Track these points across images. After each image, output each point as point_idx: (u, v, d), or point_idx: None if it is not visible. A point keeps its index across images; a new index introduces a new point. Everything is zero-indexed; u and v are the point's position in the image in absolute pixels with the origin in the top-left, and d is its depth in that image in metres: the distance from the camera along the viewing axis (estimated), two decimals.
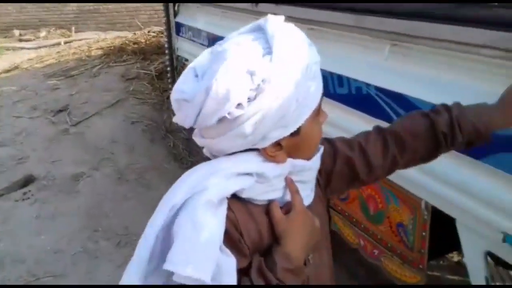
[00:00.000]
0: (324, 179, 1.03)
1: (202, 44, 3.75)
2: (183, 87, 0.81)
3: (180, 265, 0.75)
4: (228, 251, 0.80)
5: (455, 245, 2.21)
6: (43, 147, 4.19)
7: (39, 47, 9.86)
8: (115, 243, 3.11)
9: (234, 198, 0.83)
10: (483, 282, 1.48)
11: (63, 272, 2.89)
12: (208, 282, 0.75)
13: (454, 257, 2.74)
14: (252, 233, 0.85)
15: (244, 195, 0.84)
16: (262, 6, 2.68)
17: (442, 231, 1.78)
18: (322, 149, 0.95)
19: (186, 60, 4.32)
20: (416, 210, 1.83)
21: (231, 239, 0.81)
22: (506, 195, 1.34)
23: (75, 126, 4.48)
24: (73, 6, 11.23)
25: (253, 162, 0.84)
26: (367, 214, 2.11)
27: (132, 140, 4.26)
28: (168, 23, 4.55)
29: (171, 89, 4.13)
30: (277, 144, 0.84)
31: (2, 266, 2.94)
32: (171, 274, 0.77)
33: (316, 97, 0.85)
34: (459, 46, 1.43)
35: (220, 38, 2.88)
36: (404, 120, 1.13)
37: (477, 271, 1.51)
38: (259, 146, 0.83)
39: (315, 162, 0.93)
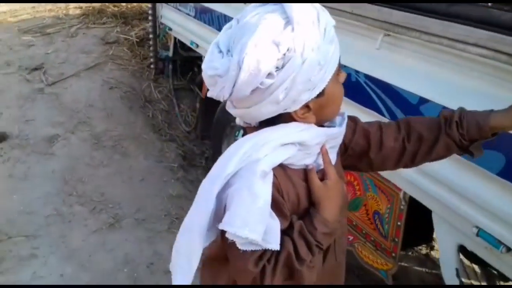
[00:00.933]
0: (342, 149, 1.14)
1: (188, 15, 3.70)
2: (214, 64, 0.89)
3: (238, 227, 0.86)
4: (273, 214, 0.91)
5: (428, 238, 2.36)
6: (17, 105, 4.07)
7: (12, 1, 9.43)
8: (90, 209, 3.11)
9: (278, 165, 0.94)
10: (453, 274, 1.59)
11: (36, 233, 2.88)
12: (260, 242, 0.87)
13: (423, 249, 2.89)
14: (291, 196, 0.96)
15: (286, 161, 0.95)
16: None
17: (417, 222, 1.89)
18: (346, 117, 1.07)
19: (170, 29, 4.26)
20: (394, 199, 1.92)
21: (277, 204, 0.92)
22: (482, 190, 1.42)
23: (51, 86, 4.36)
24: None
25: (295, 133, 0.94)
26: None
27: (109, 106, 4.20)
28: None
29: (152, 57, 4.10)
30: (306, 106, 0.93)
31: None
32: (221, 233, 0.92)
33: (335, 59, 0.93)
34: (449, 41, 1.48)
35: (210, 10, 2.92)
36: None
37: (448, 263, 1.62)
38: (290, 110, 0.92)
39: (343, 128, 1.04)
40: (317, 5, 0.93)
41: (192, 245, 0.95)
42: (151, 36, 4.66)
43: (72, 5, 6.60)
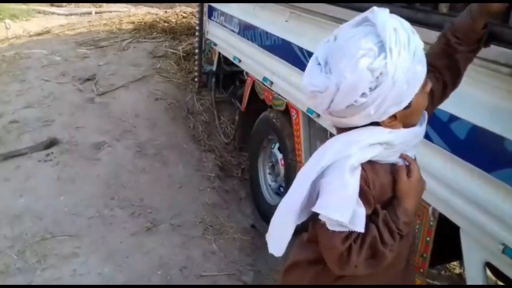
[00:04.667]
0: None
1: (233, 31, 3.83)
2: (314, 81, 1.06)
3: (331, 210, 1.04)
4: (360, 202, 1.07)
5: (457, 255, 2.31)
6: (68, 112, 4.32)
7: (70, 14, 10.01)
8: (130, 213, 3.25)
9: (366, 161, 1.09)
10: None
11: (78, 233, 3.04)
12: (347, 224, 1.03)
13: (456, 268, 2.82)
14: (377, 187, 1.12)
15: (373, 158, 1.10)
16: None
17: (446, 239, 1.87)
18: (426, 116, 1.19)
19: (215, 44, 4.41)
20: (423, 215, 1.91)
21: (364, 193, 1.08)
22: (510, 208, 1.42)
23: (101, 96, 4.60)
24: None
25: (382, 134, 1.09)
26: None
27: (154, 116, 4.37)
28: (201, 6, 4.63)
29: (196, 70, 4.26)
30: (393, 116, 1.07)
31: (21, 221, 3.10)
32: (314, 214, 1.10)
33: (422, 75, 1.05)
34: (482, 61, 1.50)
35: (253, 27, 3.03)
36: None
37: (474, 279, 1.60)
38: (379, 120, 1.07)
39: (424, 127, 1.18)
40: (408, 27, 1.04)
41: (286, 222, 1.15)
42: (197, 50, 4.83)
43: (125, 20, 6.95)
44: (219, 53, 4.42)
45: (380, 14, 1.03)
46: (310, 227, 1.23)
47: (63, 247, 2.91)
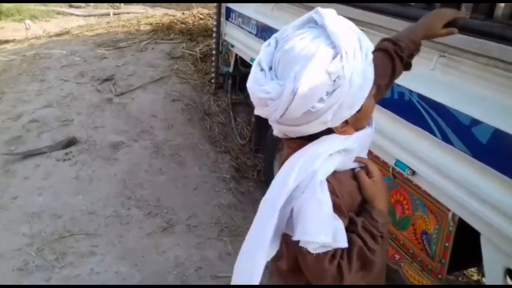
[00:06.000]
0: None
1: (250, 32, 3.83)
2: (264, 87, 0.98)
3: (314, 234, 0.98)
4: (336, 215, 1.02)
5: (476, 261, 2.28)
6: (87, 112, 4.37)
7: (89, 15, 10.16)
8: (146, 213, 3.27)
9: None
10: None
11: (96, 232, 3.07)
12: (331, 243, 0.99)
13: (474, 275, 2.78)
14: (346, 196, 1.08)
15: (335, 168, 1.06)
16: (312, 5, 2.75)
17: (465, 245, 1.84)
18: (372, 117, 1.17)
19: (232, 46, 4.42)
20: (442, 220, 1.89)
21: (336, 205, 1.03)
22: None
23: (119, 96, 4.65)
24: None
25: (338, 142, 1.06)
26: (393, 219, 2.17)
27: (171, 117, 4.40)
28: (219, 7, 4.64)
29: (213, 72, 4.27)
30: (345, 121, 1.03)
31: (40, 219, 3.15)
32: (288, 242, 1.06)
33: (372, 78, 1.02)
34: (506, 65, 1.48)
35: (270, 28, 3.05)
36: None
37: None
38: (332, 126, 1.02)
39: (373, 127, 1.17)
40: (357, 29, 1.01)
41: (257, 257, 1.05)
42: (214, 52, 4.85)
43: (143, 21, 7.02)
44: (236, 55, 4.43)
45: (327, 15, 0.98)
46: (285, 255, 1.14)
47: (81, 246, 2.94)
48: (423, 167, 1.84)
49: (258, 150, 4.15)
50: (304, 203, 1.00)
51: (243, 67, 4.53)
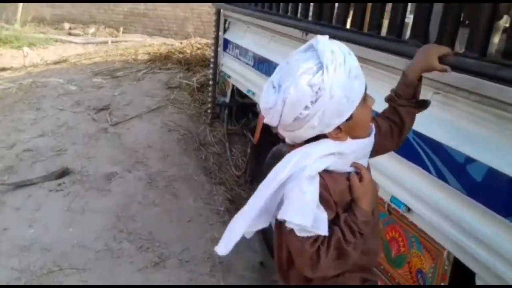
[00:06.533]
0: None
1: (248, 64, 3.85)
2: (267, 99, 1.19)
3: (291, 214, 1.16)
4: (322, 208, 1.18)
5: None
6: (82, 142, 4.35)
7: (87, 43, 10.26)
8: (138, 246, 3.21)
9: (325, 171, 1.22)
10: None
11: (86, 267, 3.00)
12: (310, 228, 1.15)
13: None
14: (337, 193, 1.24)
15: (330, 168, 1.23)
16: (310, 36, 2.77)
17: (461, 285, 1.79)
18: (373, 128, 1.33)
19: (229, 76, 4.44)
20: (438, 259, 1.84)
21: (325, 199, 1.20)
22: None
23: (114, 126, 4.63)
24: (124, 7, 11.64)
25: (333, 146, 1.22)
26: (388, 257, 2.13)
27: (166, 148, 4.38)
28: (216, 38, 4.69)
29: (209, 102, 4.27)
30: (338, 128, 1.20)
31: (29, 252, 3.07)
32: (276, 221, 1.26)
33: (360, 90, 1.19)
34: (500, 104, 1.48)
35: (267, 60, 3.05)
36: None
37: None
38: (325, 132, 1.20)
39: (372, 138, 1.31)
40: (345, 49, 1.18)
41: (239, 225, 1.28)
42: (211, 82, 4.88)
43: (141, 50, 7.09)
44: (233, 86, 4.44)
45: (321, 40, 1.17)
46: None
47: (70, 281, 2.87)
48: (418, 204, 1.80)
49: (253, 182, 4.12)
50: (290, 190, 1.18)
51: (239, 98, 4.54)
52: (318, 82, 1.11)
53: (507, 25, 2.83)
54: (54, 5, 11.94)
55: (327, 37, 1.20)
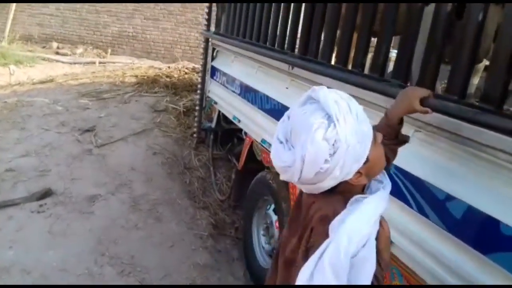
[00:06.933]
0: None
1: (234, 92, 3.92)
2: (281, 157, 1.21)
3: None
4: None
5: None
6: (65, 163, 4.32)
7: (74, 63, 10.25)
8: (119, 271, 3.17)
9: None
10: None
11: None
12: None
13: None
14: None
15: None
16: (296, 70, 2.85)
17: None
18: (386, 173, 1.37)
19: (215, 102, 4.50)
20: None
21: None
22: None
23: (99, 148, 4.63)
24: (113, 28, 11.71)
25: (380, 207, 1.25)
26: None
27: (150, 171, 4.38)
28: (204, 65, 4.78)
29: (195, 126, 4.30)
30: (358, 173, 1.22)
31: (9, 274, 3.02)
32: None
33: (370, 132, 1.23)
34: (478, 145, 1.55)
35: (253, 89, 3.12)
36: None
37: None
38: (346, 179, 1.22)
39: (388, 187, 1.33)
40: (346, 96, 1.22)
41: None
42: (197, 107, 4.93)
43: (128, 73, 7.12)
44: (219, 111, 4.50)
45: (320, 91, 1.20)
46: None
47: None
48: (400, 237, 1.85)
49: (237, 207, 4.14)
50: (366, 259, 1.16)
51: (225, 123, 4.60)
52: (333, 135, 1.13)
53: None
54: (42, 24, 11.96)
55: (325, 87, 1.23)
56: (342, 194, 1.26)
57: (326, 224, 1.21)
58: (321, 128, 1.14)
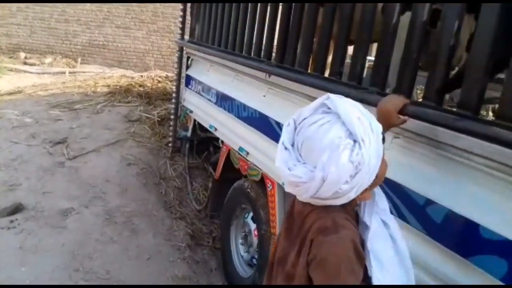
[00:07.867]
0: None
1: (210, 100, 3.90)
2: (295, 172, 1.15)
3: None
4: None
5: None
6: (36, 176, 4.19)
7: (43, 73, 9.98)
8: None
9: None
10: None
11: None
12: None
13: None
14: None
15: None
16: (273, 78, 2.85)
17: None
18: None
19: (191, 111, 4.47)
20: None
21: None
22: None
23: (71, 160, 4.51)
24: (83, 38, 11.49)
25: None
26: None
27: (125, 182, 4.29)
28: (179, 74, 4.74)
29: (170, 135, 4.25)
30: (365, 189, 1.20)
31: None
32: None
33: (382, 150, 1.19)
34: (458, 150, 1.58)
35: (230, 98, 3.11)
36: None
37: None
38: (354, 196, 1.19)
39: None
40: (366, 112, 1.17)
41: None
42: (172, 117, 4.88)
43: (100, 82, 6.99)
44: (195, 120, 4.47)
45: (339, 102, 1.15)
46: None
47: None
48: None
49: (214, 216, 4.10)
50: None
51: (201, 132, 4.56)
52: (359, 157, 1.10)
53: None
54: (10, 34, 11.64)
55: (341, 97, 1.19)
56: (342, 205, 1.23)
57: (326, 235, 1.18)
58: (347, 149, 1.10)
